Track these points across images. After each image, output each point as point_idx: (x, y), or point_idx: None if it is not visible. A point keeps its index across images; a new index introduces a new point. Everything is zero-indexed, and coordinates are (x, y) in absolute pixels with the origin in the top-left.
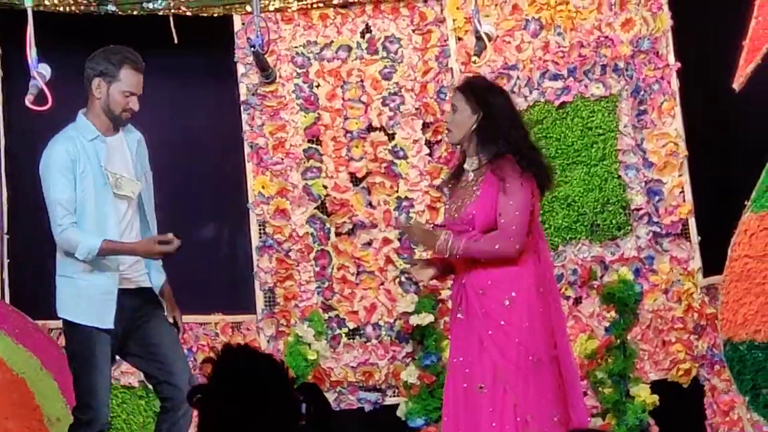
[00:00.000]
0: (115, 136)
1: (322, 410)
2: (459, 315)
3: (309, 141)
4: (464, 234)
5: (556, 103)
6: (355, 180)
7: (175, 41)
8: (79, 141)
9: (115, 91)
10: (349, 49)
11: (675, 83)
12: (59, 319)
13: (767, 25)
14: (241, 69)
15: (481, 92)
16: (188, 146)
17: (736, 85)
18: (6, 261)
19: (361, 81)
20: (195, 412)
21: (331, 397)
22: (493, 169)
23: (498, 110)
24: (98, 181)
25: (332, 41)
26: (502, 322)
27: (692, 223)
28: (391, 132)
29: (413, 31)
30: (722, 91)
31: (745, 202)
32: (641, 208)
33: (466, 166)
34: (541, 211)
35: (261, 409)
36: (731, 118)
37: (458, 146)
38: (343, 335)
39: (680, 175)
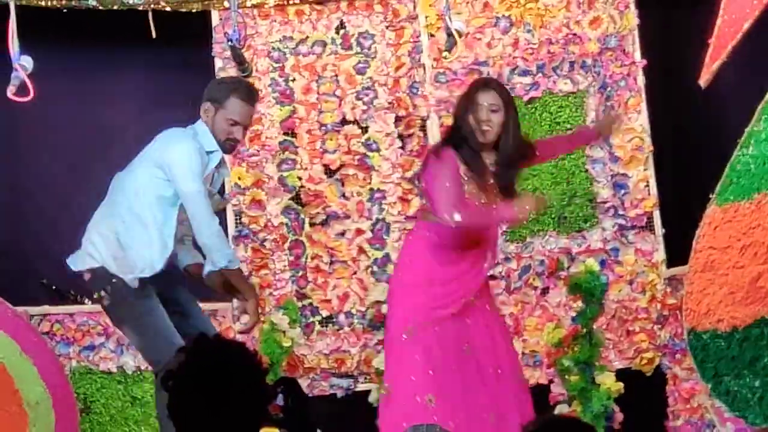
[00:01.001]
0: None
1: (300, 402)
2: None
3: (284, 134)
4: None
5: (525, 98)
6: (329, 172)
7: (154, 36)
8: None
9: (220, 118)
10: (324, 44)
11: (641, 80)
12: (39, 305)
13: (733, 24)
14: (218, 63)
15: (508, 95)
16: None
17: (702, 81)
18: None
19: (336, 75)
20: None
21: (304, 383)
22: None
23: (515, 112)
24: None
25: (307, 37)
26: None
27: (657, 215)
28: (364, 125)
29: (386, 27)
30: (687, 87)
31: (710, 196)
32: (607, 201)
33: (488, 161)
34: None
35: (225, 398)
36: (695, 115)
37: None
38: (317, 323)
39: (645, 170)
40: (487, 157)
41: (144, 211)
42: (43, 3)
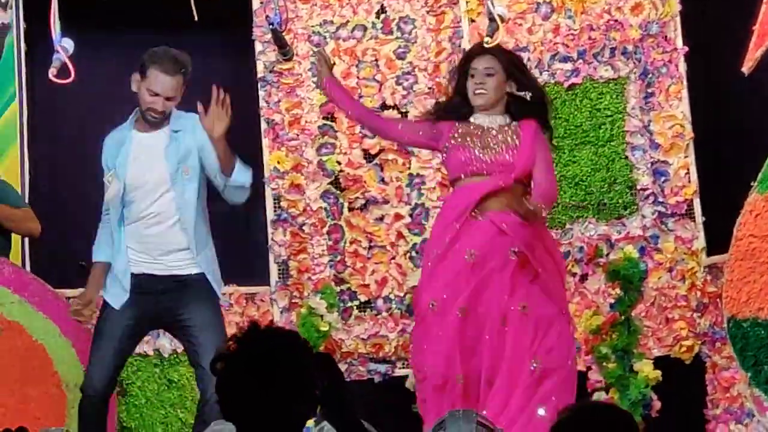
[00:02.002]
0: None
1: (336, 380)
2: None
3: (324, 118)
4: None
5: (566, 84)
6: (369, 156)
7: (195, 19)
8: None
9: (143, 89)
10: (365, 29)
11: (682, 67)
12: (77, 287)
13: None
14: (258, 47)
15: (513, 60)
16: None
17: (746, 68)
18: None
19: (376, 60)
20: None
21: (341, 368)
22: (528, 126)
23: (528, 79)
24: None
25: (348, 21)
26: None
27: (697, 203)
28: (404, 110)
29: (427, 12)
30: (729, 74)
31: (751, 184)
32: (647, 188)
33: (479, 121)
34: None
35: (272, 383)
36: (737, 102)
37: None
38: (355, 308)
39: (686, 157)
40: (485, 119)
41: None
42: None
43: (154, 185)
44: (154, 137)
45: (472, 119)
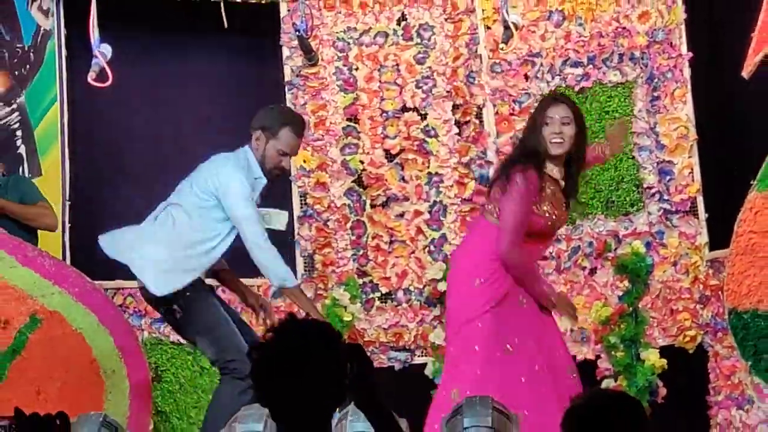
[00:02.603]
0: None
1: (365, 369)
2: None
3: (348, 119)
4: None
5: (576, 88)
6: (390, 156)
7: (225, 26)
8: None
9: (271, 148)
10: (386, 35)
11: (687, 72)
12: (115, 279)
13: None
14: (285, 52)
15: (577, 108)
16: (238, 122)
17: (746, 73)
18: (68, 226)
19: (397, 65)
20: None
21: None
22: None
23: (584, 125)
24: None
25: (371, 28)
26: None
27: (700, 201)
28: (423, 112)
29: (445, 19)
30: (731, 79)
31: (751, 182)
32: (653, 187)
33: (554, 175)
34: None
35: (304, 372)
36: (739, 105)
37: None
38: (376, 299)
39: (690, 157)
40: (555, 170)
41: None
42: None
43: None
44: None
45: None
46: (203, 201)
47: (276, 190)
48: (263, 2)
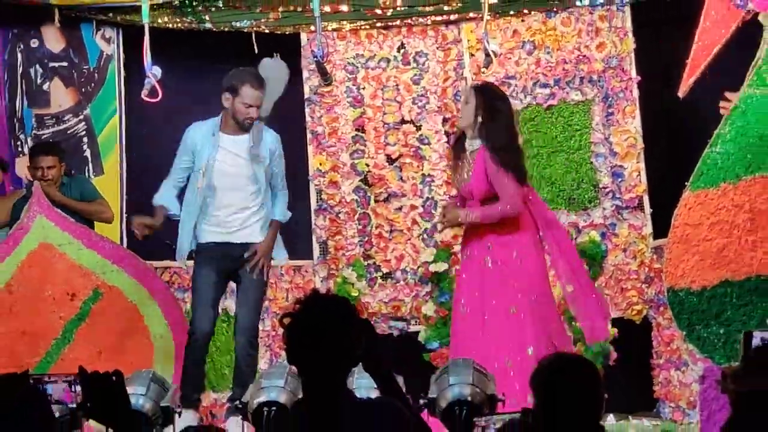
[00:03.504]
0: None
1: (374, 341)
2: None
3: (356, 130)
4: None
5: (545, 105)
6: (391, 160)
7: (256, 52)
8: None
9: (238, 103)
10: (388, 60)
11: (636, 92)
12: (163, 260)
13: (705, 48)
14: (305, 74)
15: (489, 95)
16: None
17: (681, 93)
18: (125, 215)
19: (397, 85)
20: None
21: None
22: (486, 159)
23: (498, 114)
24: None
25: (375, 54)
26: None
27: (646, 199)
28: (418, 124)
29: (437, 48)
30: (671, 98)
31: (686, 184)
32: (607, 187)
33: (467, 144)
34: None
35: (323, 339)
36: (678, 119)
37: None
38: (379, 278)
39: (638, 162)
40: (470, 143)
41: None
42: (170, 25)
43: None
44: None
45: None
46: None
47: (296, 188)
48: (287, 33)
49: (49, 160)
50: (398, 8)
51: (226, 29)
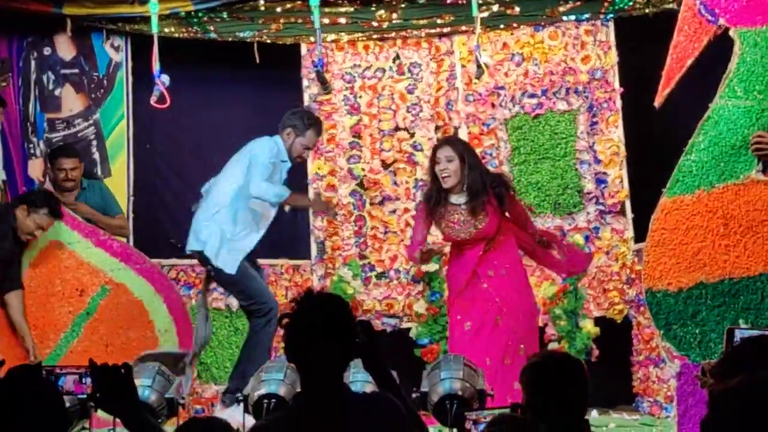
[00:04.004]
0: None
1: (373, 340)
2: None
3: (353, 136)
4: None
5: (532, 114)
6: (385, 165)
7: (258, 61)
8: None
9: (298, 143)
10: (384, 70)
11: (619, 103)
12: (169, 257)
13: (679, 61)
14: (305, 83)
15: (464, 147)
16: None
17: (656, 104)
18: (131, 215)
19: (392, 94)
20: None
21: None
22: (491, 198)
23: (476, 159)
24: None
25: (371, 65)
26: None
27: (628, 204)
28: (412, 132)
29: (430, 59)
30: (651, 109)
31: (662, 190)
32: (591, 192)
33: (452, 200)
34: (519, 194)
35: (320, 336)
36: (657, 129)
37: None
38: (373, 277)
39: (620, 169)
40: (458, 197)
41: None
42: (177, 35)
43: None
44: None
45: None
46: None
47: (296, 190)
48: (288, 43)
49: (72, 162)
50: (394, 21)
51: (230, 39)
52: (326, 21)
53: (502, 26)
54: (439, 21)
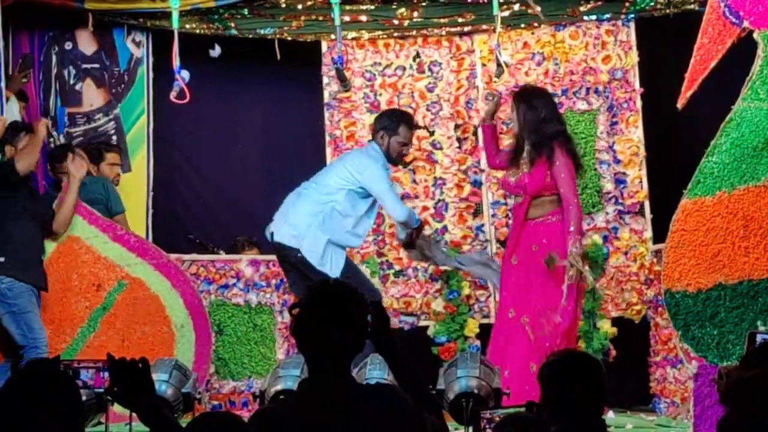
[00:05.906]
0: None
1: (384, 322)
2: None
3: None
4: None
5: None
6: (404, 163)
7: (278, 58)
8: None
9: (394, 142)
10: (404, 68)
11: (639, 103)
12: (187, 253)
13: (702, 63)
14: (325, 80)
15: (526, 96)
16: (286, 134)
17: (680, 105)
18: (150, 211)
19: (412, 92)
20: None
21: None
22: (539, 152)
23: (538, 108)
24: None
25: (392, 63)
26: None
27: (647, 204)
28: (431, 130)
29: (451, 57)
30: (672, 109)
31: (683, 191)
32: (610, 192)
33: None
34: None
35: (332, 324)
36: (677, 130)
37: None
38: (391, 274)
39: (640, 170)
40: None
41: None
42: (198, 31)
43: None
44: None
45: None
46: (350, 182)
47: None
48: (308, 41)
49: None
50: (414, 19)
51: (251, 35)
52: (347, 18)
53: (522, 25)
54: (459, 20)
